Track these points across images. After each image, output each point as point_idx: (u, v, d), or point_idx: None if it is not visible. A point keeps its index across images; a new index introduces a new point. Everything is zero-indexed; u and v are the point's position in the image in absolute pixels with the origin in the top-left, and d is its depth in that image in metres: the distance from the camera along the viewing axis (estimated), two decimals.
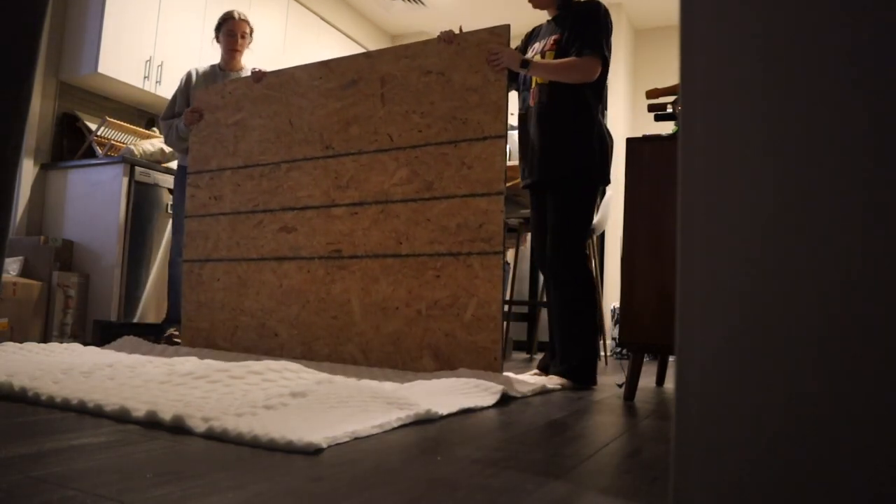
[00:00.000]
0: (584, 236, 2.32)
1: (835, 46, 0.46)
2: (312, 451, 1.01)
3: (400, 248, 2.39)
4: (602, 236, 5.43)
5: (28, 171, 3.71)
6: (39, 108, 3.76)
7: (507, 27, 2.31)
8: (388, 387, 1.66)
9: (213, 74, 3.31)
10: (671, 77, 6.24)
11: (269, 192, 2.77)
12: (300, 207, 2.66)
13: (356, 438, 1.13)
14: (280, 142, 2.76)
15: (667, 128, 6.38)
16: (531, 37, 2.57)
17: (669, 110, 2.16)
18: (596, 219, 3.85)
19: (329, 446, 1.05)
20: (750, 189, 0.48)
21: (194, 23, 4.36)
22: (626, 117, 5.64)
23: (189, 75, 3.34)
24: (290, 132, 2.73)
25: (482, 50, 2.31)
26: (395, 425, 1.26)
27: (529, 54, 2.45)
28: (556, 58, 2.32)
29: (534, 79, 2.41)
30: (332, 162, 2.61)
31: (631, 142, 2.03)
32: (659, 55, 5.87)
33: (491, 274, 2.20)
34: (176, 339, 3.06)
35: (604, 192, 2.78)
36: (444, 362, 2.22)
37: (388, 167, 2.47)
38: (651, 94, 2.22)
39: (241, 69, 3.32)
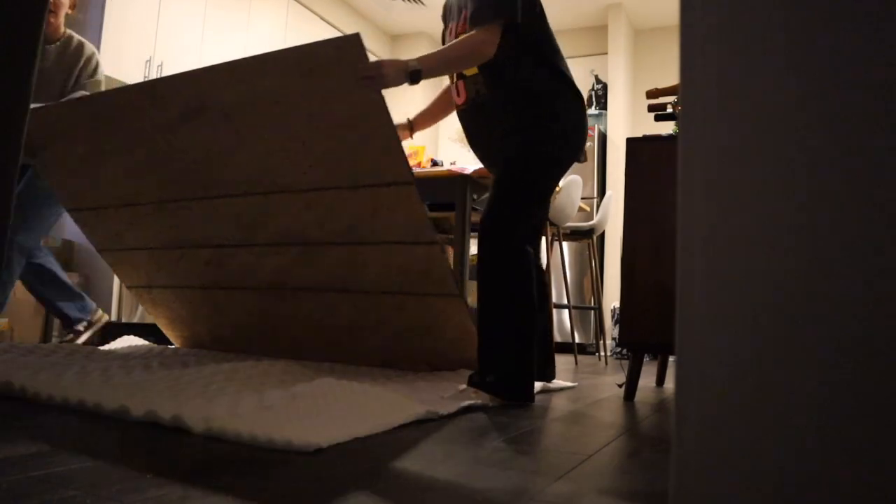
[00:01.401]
0: (520, 205, 1.81)
1: (836, 46, 0.46)
2: (312, 451, 1.01)
3: (347, 283, 2.06)
4: (602, 236, 5.43)
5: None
6: None
7: (356, 36, 1.58)
8: (389, 387, 1.66)
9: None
10: (671, 77, 6.24)
11: (170, 229, 2.28)
12: (215, 245, 2.23)
13: (356, 438, 1.13)
14: (146, 180, 2.18)
15: (667, 128, 6.37)
16: (447, 10, 2.10)
17: (669, 110, 2.16)
18: (596, 219, 3.85)
19: (329, 446, 1.05)
20: (750, 189, 0.48)
21: (194, 23, 4.37)
22: (626, 117, 5.64)
23: None
24: (150, 170, 2.14)
25: (338, 71, 1.63)
26: (396, 425, 1.26)
27: (448, 37, 1.99)
28: None
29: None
30: (220, 202, 2.08)
31: (631, 142, 2.03)
32: (659, 55, 5.87)
33: (458, 312, 1.96)
34: (80, 330, 2.68)
35: (603, 193, 2.66)
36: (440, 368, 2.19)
37: (289, 209, 1.99)
38: (651, 94, 2.22)
39: (60, 37, 2.72)
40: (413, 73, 1.69)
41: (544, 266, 2.50)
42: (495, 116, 1.90)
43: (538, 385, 2.01)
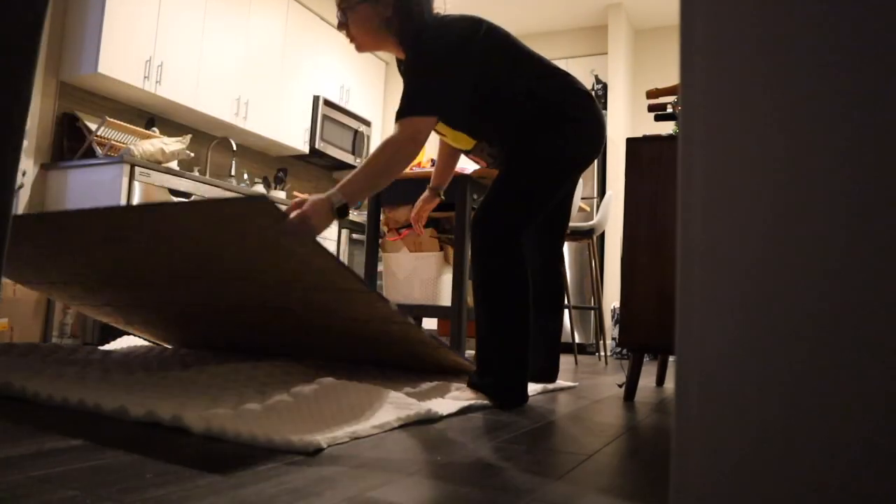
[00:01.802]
0: (518, 208, 1.76)
1: (836, 46, 0.46)
2: (312, 451, 1.01)
3: (342, 325, 1.92)
4: (602, 236, 5.43)
5: (28, 171, 3.71)
6: (39, 108, 3.76)
7: (264, 201, 1.31)
8: (389, 387, 1.66)
9: None
10: (671, 77, 6.24)
11: (126, 298, 2.18)
12: (179, 304, 2.12)
13: (356, 438, 1.13)
14: (80, 270, 2.02)
15: (667, 128, 6.35)
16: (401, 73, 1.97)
17: (669, 110, 2.16)
18: (596, 219, 3.85)
19: (329, 446, 1.05)
20: (750, 189, 0.48)
21: (194, 23, 4.37)
22: (626, 117, 5.64)
23: None
24: (82, 269, 1.99)
25: (254, 225, 1.42)
26: (395, 425, 1.26)
27: None
28: None
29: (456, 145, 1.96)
30: (165, 292, 1.98)
31: (631, 142, 2.03)
32: (659, 55, 5.87)
33: (449, 356, 1.94)
34: None
35: (603, 193, 2.64)
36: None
37: (243, 292, 1.81)
38: (651, 94, 2.22)
39: None
40: (340, 210, 1.55)
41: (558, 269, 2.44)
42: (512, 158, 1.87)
43: (539, 386, 2.01)
